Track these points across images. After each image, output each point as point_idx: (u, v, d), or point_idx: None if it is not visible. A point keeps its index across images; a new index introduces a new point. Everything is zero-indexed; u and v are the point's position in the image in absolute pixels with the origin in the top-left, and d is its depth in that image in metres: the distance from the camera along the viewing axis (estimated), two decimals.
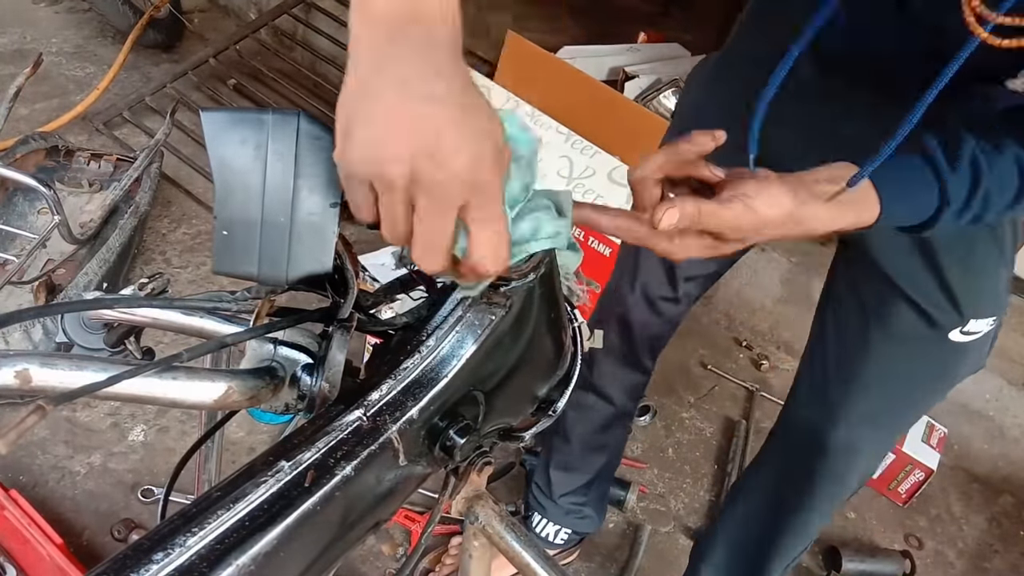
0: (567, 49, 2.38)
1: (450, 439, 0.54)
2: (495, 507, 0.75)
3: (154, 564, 0.40)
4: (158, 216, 2.16)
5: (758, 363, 2.28)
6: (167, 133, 1.89)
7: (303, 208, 0.51)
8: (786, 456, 1.27)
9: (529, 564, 0.73)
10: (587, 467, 1.48)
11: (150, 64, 2.73)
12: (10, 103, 1.58)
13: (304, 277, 0.52)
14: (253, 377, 0.52)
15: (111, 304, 0.57)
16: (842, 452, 1.14)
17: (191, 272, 2.03)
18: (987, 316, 1.00)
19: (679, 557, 1.69)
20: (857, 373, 1.10)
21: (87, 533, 1.45)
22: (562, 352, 0.66)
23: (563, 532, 1.54)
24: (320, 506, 0.46)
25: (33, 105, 2.40)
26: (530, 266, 0.55)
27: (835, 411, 1.12)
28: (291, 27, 2.84)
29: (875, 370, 1.08)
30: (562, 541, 1.55)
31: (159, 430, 1.64)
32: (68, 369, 0.45)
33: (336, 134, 0.46)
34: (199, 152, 2.33)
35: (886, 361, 1.07)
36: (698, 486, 1.88)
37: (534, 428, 0.69)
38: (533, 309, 0.58)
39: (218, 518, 0.42)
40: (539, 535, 1.55)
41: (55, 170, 1.92)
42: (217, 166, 0.50)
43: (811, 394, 1.18)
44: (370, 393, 0.52)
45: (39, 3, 2.91)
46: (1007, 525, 1.99)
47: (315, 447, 0.48)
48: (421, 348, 0.54)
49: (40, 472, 1.52)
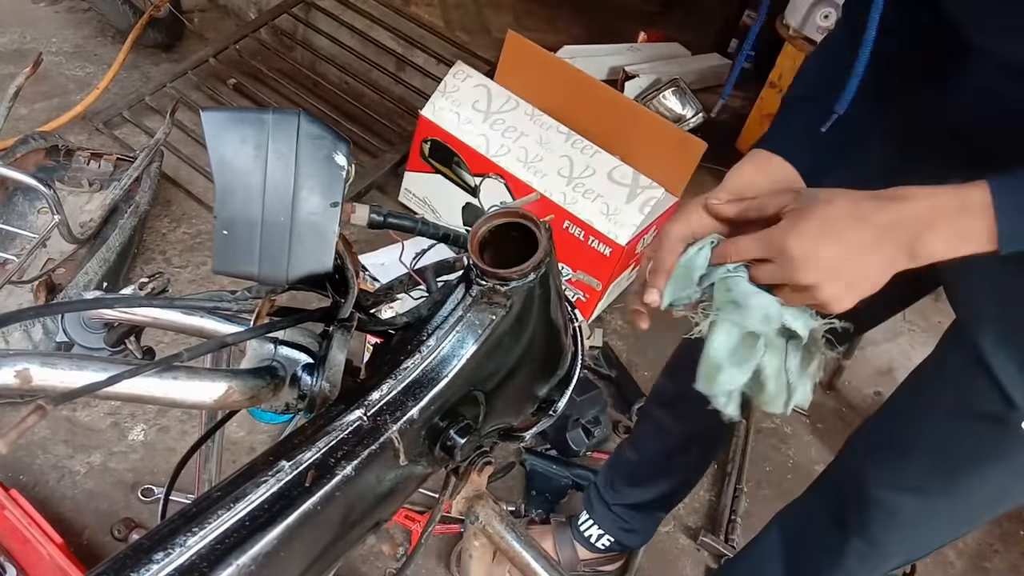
0: (567, 49, 2.38)
1: (450, 439, 0.54)
2: (495, 507, 0.75)
3: (154, 564, 0.40)
4: (158, 216, 2.15)
5: None
6: (167, 133, 1.89)
7: (303, 208, 0.51)
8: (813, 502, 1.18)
9: (529, 564, 0.73)
10: (650, 487, 1.42)
11: (150, 64, 2.73)
12: (10, 103, 1.58)
13: (304, 277, 0.52)
14: (253, 377, 0.52)
15: (111, 304, 0.57)
16: (875, 512, 1.02)
17: (191, 272, 2.03)
18: None
19: (679, 557, 1.69)
20: (915, 439, 0.99)
21: (87, 533, 1.45)
22: (562, 352, 0.66)
23: (606, 538, 1.51)
24: (320, 506, 0.46)
25: (33, 105, 2.40)
26: (530, 266, 0.55)
27: (880, 469, 1.02)
28: (291, 27, 2.84)
29: (935, 439, 0.96)
30: (603, 547, 1.52)
31: (159, 430, 1.64)
32: (68, 369, 0.45)
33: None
34: (199, 152, 2.32)
35: (951, 433, 0.94)
36: (698, 486, 1.87)
37: (534, 428, 0.69)
38: (533, 309, 0.58)
39: (218, 518, 0.42)
40: (582, 533, 1.52)
41: (55, 170, 1.92)
42: (217, 166, 0.50)
43: (860, 443, 1.11)
44: (370, 393, 0.52)
45: (39, 3, 2.91)
46: (1007, 525, 1.99)
47: (315, 447, 0.48)
48: (421, 348, 0.54)
49: (40, 472, 1.52)
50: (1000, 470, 0.91)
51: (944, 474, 0.96)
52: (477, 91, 2.11)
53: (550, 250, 0.57)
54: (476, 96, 2.11)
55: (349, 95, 2.60)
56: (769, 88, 2.63)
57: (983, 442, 0.91)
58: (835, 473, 1.15)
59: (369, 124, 2.55)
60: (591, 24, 2.91)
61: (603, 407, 1.83)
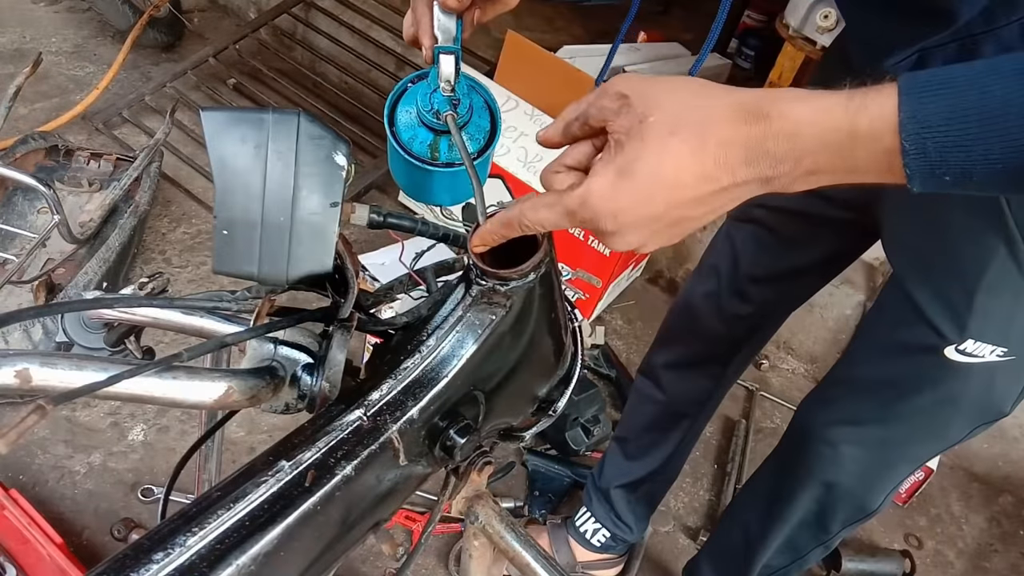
0: (567, 48, 2.38)
1: (450, 439, 0.54)
2: (495, 507, 0.75)
3: (154, 564, 0.40)
4: (158, 215, 2.15)
5: (758, 362, 2.28)
6: (167, 132, 1.89)
7: (303, 208, 0.51)
8: (777, 455, 1.25)
9: (529, 564, 0.73)
10: (639, 463, 1.44)
11: (150, 63, 2.73)
12: (10, 102, 1.58)
13: (304, 277, 0.52)
14: (253, 377, 0.52)
15: (111, 304, 0.57)
16: (823, 448, 1.09)
17: (191, 272, 2.03)
18: (992, 342, 0.89)
19: (679, 557, 1.69)
20: (855, 374, 1.07)
21: (87, 533, 1.45)
22: (562, 352, 0.66)
23: (601, 534, 1.51)
24: (320, 506, 0.46)
25: (33, 104, 2.40)
26: (530, 266, 0.55)
27: (827, 408, 1.10)
28: (291, 27, 2.84)
29: (871, 372, 1.03)
30: (598, 544, 1.52)
31: (159, 429, 1.64)
32: (68, 369, 0.45)
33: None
34: (199, 152, 2.32)
35: (884, 365, 1.01)
36: (698, 486, 1.88)
37: (534, 428, 0.69)
38: (533, 309, 0.58)
39: (218, 518, 0.42)
40: (578, 530, 1.53)
41: (55, 169, 1.92)
42: (217, 166, 0.50)
43: (814, 392, 1.17)
44: (370, 393, 0.52)
45: (38, 3, 2.91)
46: (1007, 525, 1.99)
47: (315, 447, 0.48)
48: (421, 348, 0.54)
49: (40, 472, 1.52)
50: (929, 397, 0.98)
51: (880, 405, 1.03)
52: None
53: (550, 250, 0.57)
54: None
55: (349, 95, 2.60)
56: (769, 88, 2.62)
57: (913, 372, 0.98)
58: (792, 423, 1.20)
59: (369, 124, 2.55)
60: (591, 24, 2.91)
61: (602, 406, 1.83)
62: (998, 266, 0.84)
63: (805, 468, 1.13)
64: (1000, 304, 0.87)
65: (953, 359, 0.92)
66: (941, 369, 0.93)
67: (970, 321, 0.88)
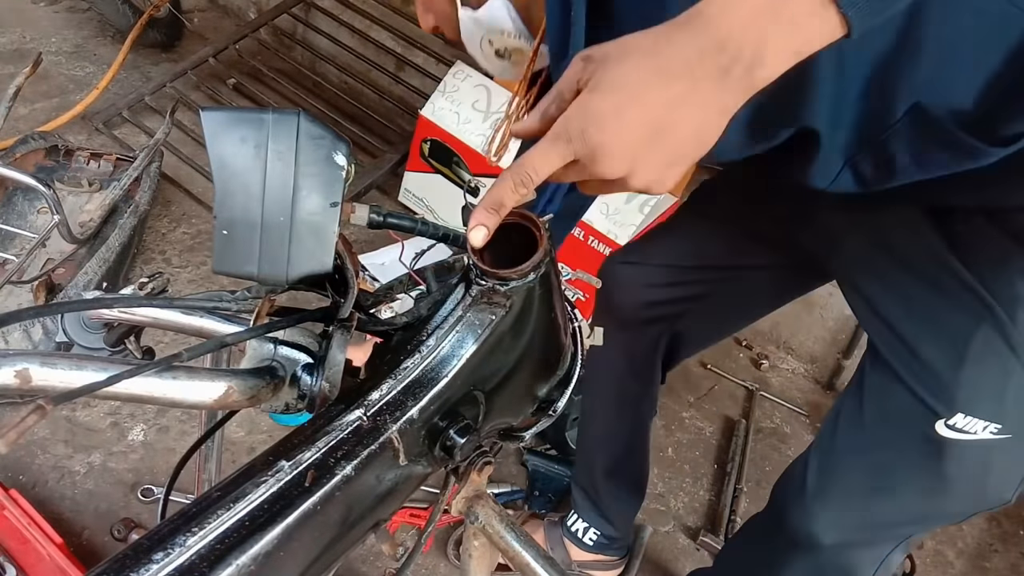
0: None
1: (450, 439, 0.54)
2: (495, 507, 0.75)
3: (154, 564, 0.40)
4: (158, 216, 2.15)
5: (758, 362, 2.28)
6: (167, 132, 1.89)
7: (303, 208, 0.51)
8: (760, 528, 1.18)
9: (529, 564, 0.73)
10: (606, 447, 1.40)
11: (150, 63, 2.73)
12: (10, 103, 1.58)
13: (304, 277, 0.52)
14: (253, 377, 0.52)
15: (111, 304, 0.57)
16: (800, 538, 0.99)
17: (191, 272, 2.03)
18: (984, 417, 0.82)
19: (679, 557, 1.69)
20: (838, 454, 0.96)
21: (87, 533, 1.45)
22: (562, 352, 0.66)
23: (592, 532, 1.50)
24: (320, 506, 0.46)
25: (33, 104, 2.40)
26: (530, 266, 0.55)
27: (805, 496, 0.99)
28: (291, 27, 2.84)
29: (856, 450, 0.94)
30: (591, 543, 1.51)
31: (159, 429, 1.64)
32: (68, 369, 0.45)
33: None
34: (199, 152, 2.32)
35: (870, 441, 0.92)
36: (698, 485, 1.88)
37: (534, 428, 0.69)
38: (533, 309, 0.58)
39: (218, 518, 0.42)
40: (569, 528, 1.52)
41: (55, 169, 1.92)
42: (217, 166, 0.50)
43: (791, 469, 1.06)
44: (370, 393, 0.52)
45: (38, 3, 2.91)
46: (1007, 525, 1.99)
47: (315, 447, 0.48)
48: (421, 348, 0.54)
49: (40, 472, 1.52)
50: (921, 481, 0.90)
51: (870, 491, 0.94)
52: (477, 91, 2.11)
53: (550, 250, 0.57)
54: (476, 96, 2.11)
55: (349, 95, 2.60)
56: None
57: (901, 450, 0.90)
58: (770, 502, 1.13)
59: (369, 124, 2.55)
60: None
61: None
62: (983, 336, 0.80)
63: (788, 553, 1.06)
64: (989, 377, 0.82)
65: (945, 435, 0.84)
66: (934, 448, 0.85)
67: (958, 393, 0.82)
